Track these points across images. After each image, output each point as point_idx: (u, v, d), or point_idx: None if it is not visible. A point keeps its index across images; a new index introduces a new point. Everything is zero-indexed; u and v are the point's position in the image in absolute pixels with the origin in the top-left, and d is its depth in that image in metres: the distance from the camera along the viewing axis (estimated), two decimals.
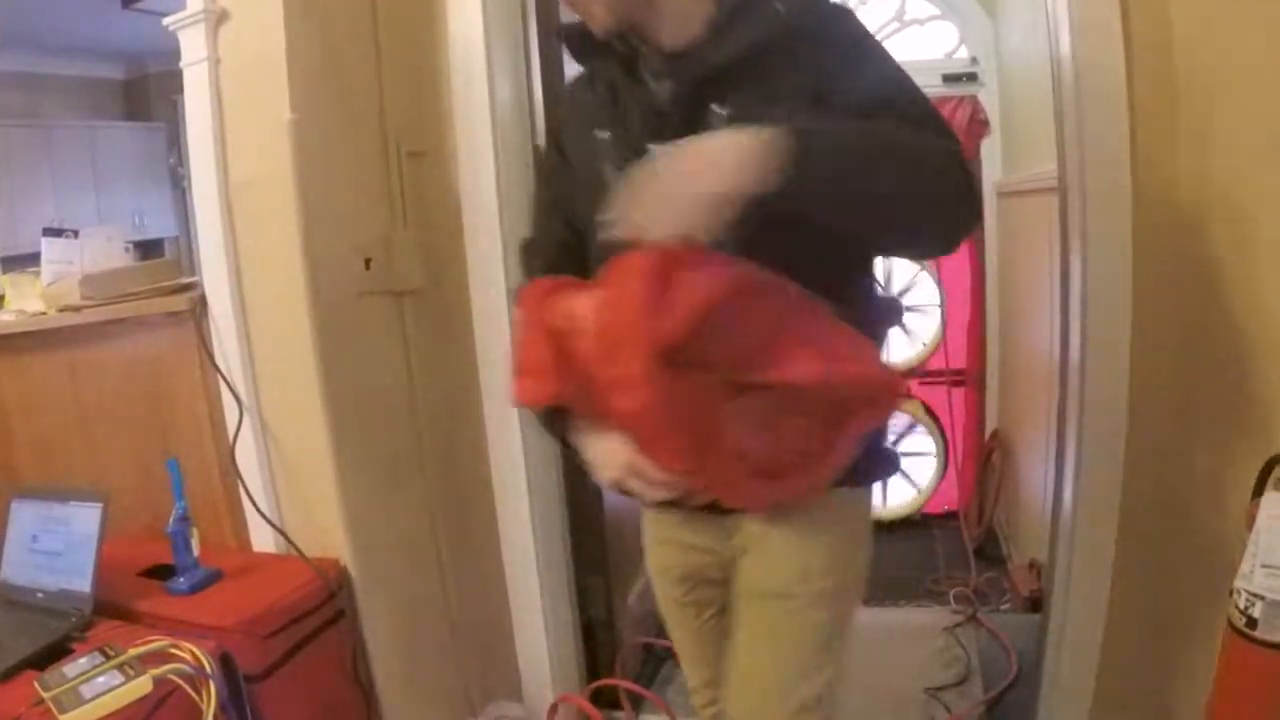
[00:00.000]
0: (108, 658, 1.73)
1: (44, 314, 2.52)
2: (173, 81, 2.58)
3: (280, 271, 2.13)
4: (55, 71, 6.66)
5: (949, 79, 4.28)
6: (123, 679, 1.67)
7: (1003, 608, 3.43)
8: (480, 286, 2.39)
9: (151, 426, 2.45)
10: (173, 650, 1.78)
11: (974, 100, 4.20)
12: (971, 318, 4.41)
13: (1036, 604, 3.11)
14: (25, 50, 6.10)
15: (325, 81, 2.17)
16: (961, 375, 4.46)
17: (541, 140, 2.53)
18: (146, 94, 7.19)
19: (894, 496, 4.60)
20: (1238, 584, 1.45)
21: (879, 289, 2.20)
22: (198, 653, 1.78)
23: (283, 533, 2.26)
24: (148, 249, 6.57)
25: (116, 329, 2.41)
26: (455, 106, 2.36)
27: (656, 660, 3.04)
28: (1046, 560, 2.40)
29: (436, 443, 2.45)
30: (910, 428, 4.54)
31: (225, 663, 1.84)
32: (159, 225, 7.11)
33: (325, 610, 2.16)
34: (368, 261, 2.27)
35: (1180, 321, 1.99)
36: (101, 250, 2.69)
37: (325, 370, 2.15)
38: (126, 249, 2.86)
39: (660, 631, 3.12)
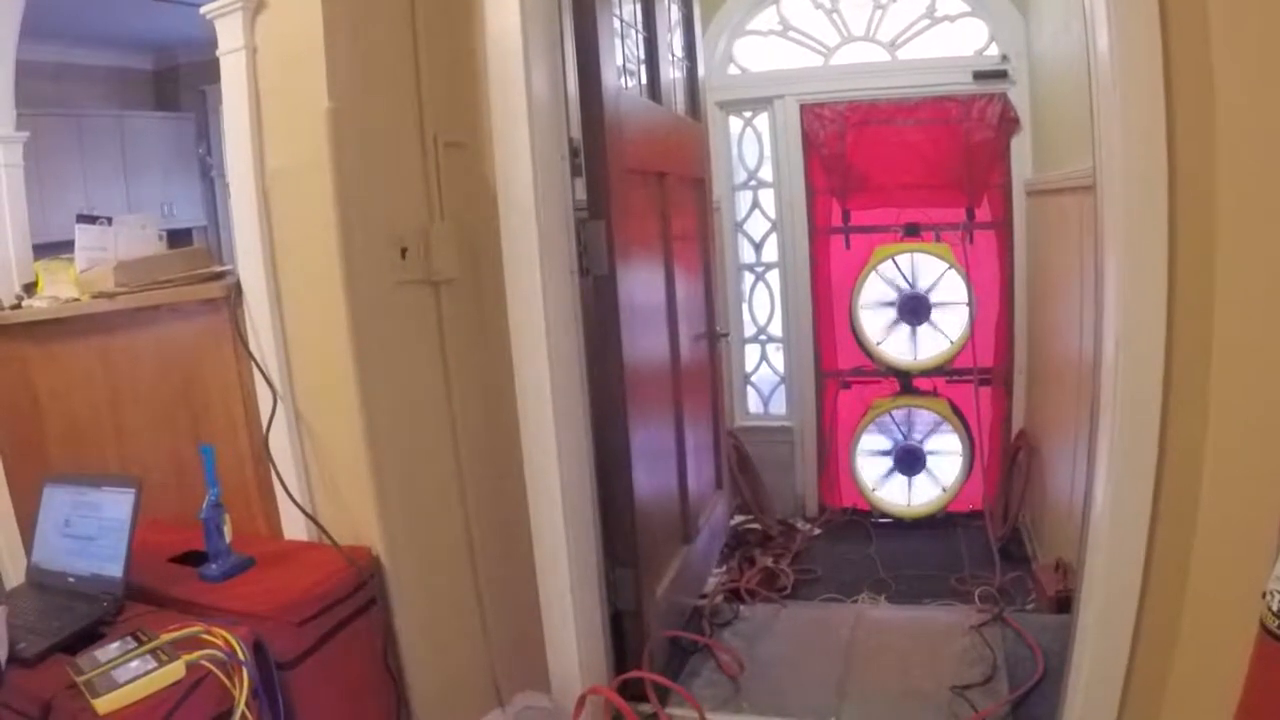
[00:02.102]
0: (140, 643, 1.73)
1: (77, 300, 2.53)
2: (202, 72, 2.60)
3: (316, 260, 2.14)
4: (85, 61, 6.67)
5: (979, 76, 4.23)
6: (156, 664, 1.68)
7: (1028, 607, 3.41)
8: (515, 277, 2.40)
9: (184, 413, 2.46)
10: (205, 636, 1.78)
11: (1004, 98, 4.21)
12: (999, 316, 4.40)
13: (1062, 604, 3.09)
14: (56, 40, 6.12)
15: (363, 71, 2.17)
16: (989, 374, 4.45)
17: (577, 133, 2.54)
18: (176, 84, 7.20)
19: (919, 495, 4.58)
20: (1270, 586, 1.44)
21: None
22: (231, 639, 1.78)
23: (315, 520, 2.27)
24: (175, 238, 6.58)
25: (150, 316, 2.43)
26: (492, 98, 2.36)
27: (684, 653, 3.05)
28: (1076, 561, 2.38)
29: (470, 433, 2.45)
30: (936, 426, 4.51)
31: (258, 649, 1.84)
32: (187, 215, 7.12)
33: (357, 598, 2.16)
34: (404, 251, 2.27)
35: (1213, 320, 1.97)
36: (135, 237, 2.71)
37: (360, 359, 2.15)
38: (160, 236, 2.87)
39: (687, 626, 3.16)
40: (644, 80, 3.11)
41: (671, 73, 3.35)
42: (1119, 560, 2.16)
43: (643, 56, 3.10)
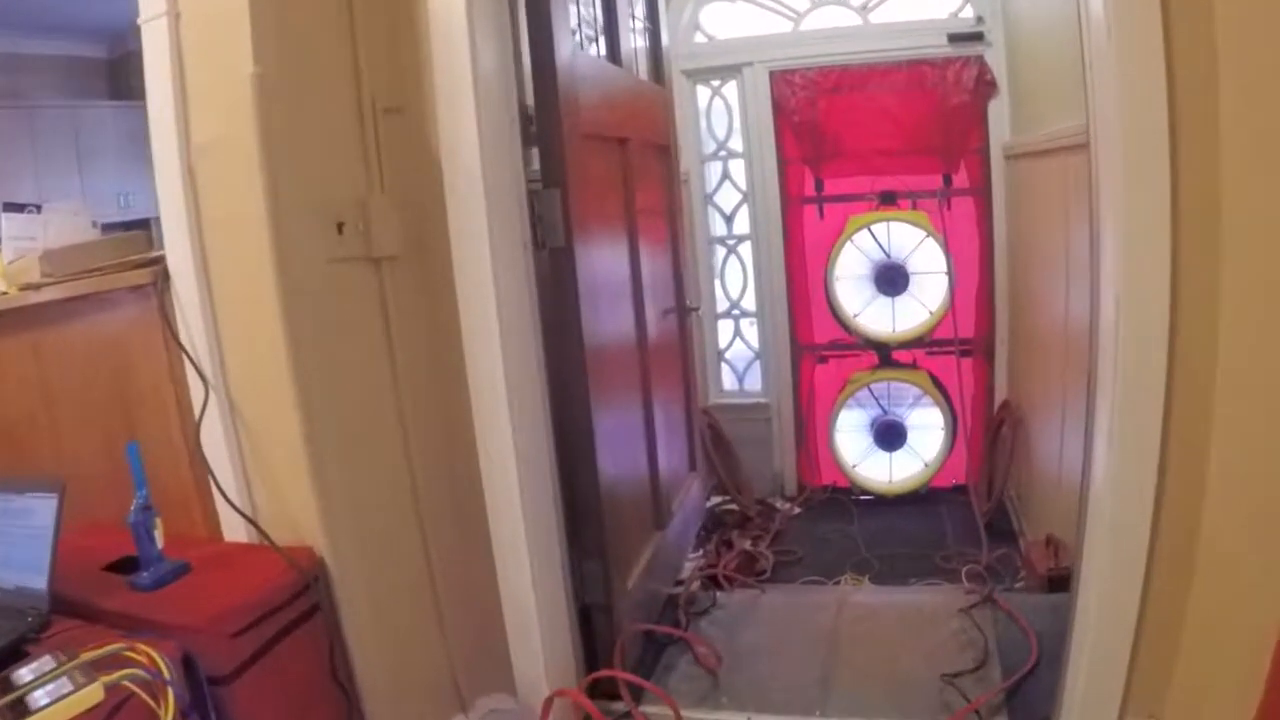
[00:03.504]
0: (60, 663, 1.55)
1: (4, 293, 2.34)
2: None
3: (245, 239, 1.96)
4: (37, 51, 6.44)
5: (954, 39, 4.06)
6: (72, 687, 1.50)
7: (1017, 586, 3.25)
8: (462, 252, 2.21)
9: (119, 408, 2.29)
10: (129, 653, 1.60)
11: (980, 60, 4.05)
12: (980, 285, 4.26)
13: (1055, 582, 2.94)
14: (6, 30, 5.89)
15: (292, 33, 1.98)
16: (969, 344, 4.31)
17: (530, 96, 2.35)
18: (130, 73, 6.96)
19: (900, 471, 4.44)
20: None
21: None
22: (155, 656, 1.60)
23: (251, 520, 2.09)
24: (135, 230, 6.36)
25: (81, 306, 2.24)
26: (435, 58, 2.17)
27: (658, 647, 2.87)
28: (1071, 537, 2.22)
29: (420, 420, 2.27)
30: (917, 399, 4.36)
31: (187, 665, 1.68)
32: (145, 205, 6.88)
33: (299, 603, 1.98)
34: (340, 226, 2.08)
35: (1220, 280, 1.80)
36: (67, 226, 2.52)
37: (294, 344, 1.97)
38: (94, 224, 2.69)
39: (662, 617, 2.98)
40: (603, 46, 2.91)
41: (634, 39, 3.15)
42: (1122, 537, 2.02)
43: (602, 21, 2.90)
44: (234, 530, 2.13)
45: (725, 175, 4.51)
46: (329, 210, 2.06)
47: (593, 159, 2.54)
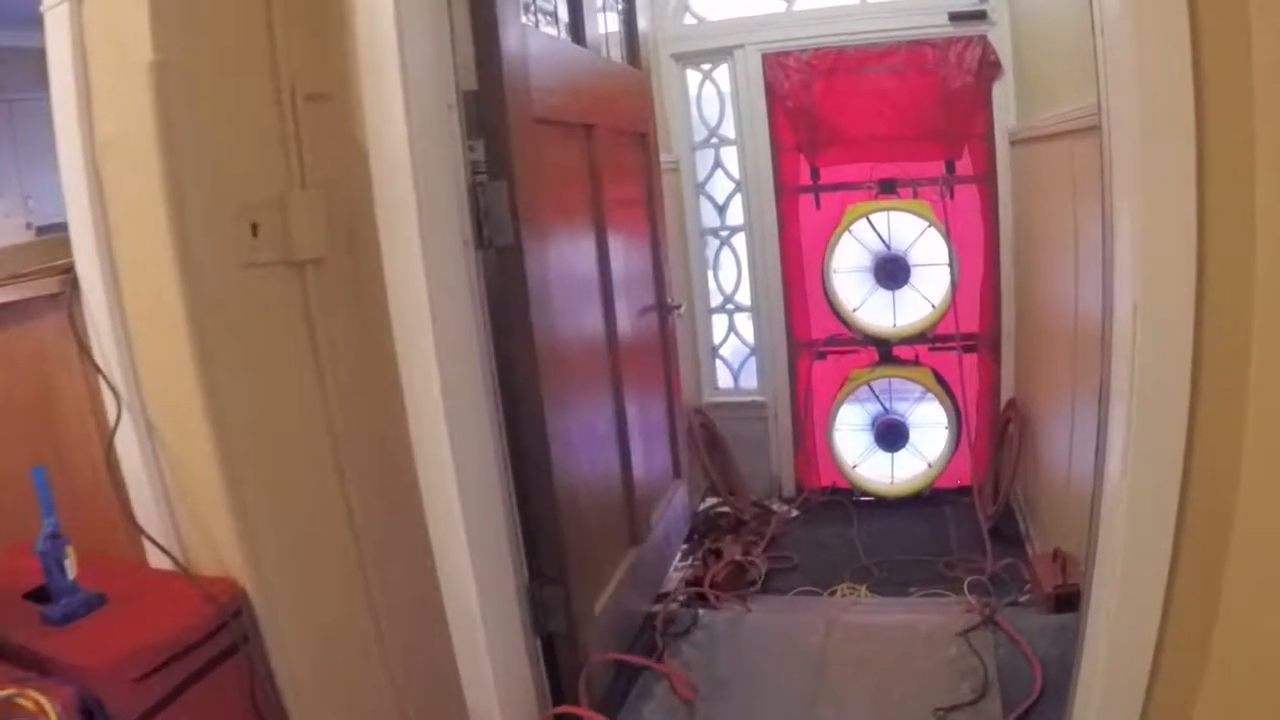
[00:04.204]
0: None
1: None
2: None
3: (149, 244, 1.71)
4: None
5: (956, 18, 3.82)
6: None
7: (1022, 599, 2.99)
8: (393, 252, 1.94)
9: (43, 426, 2.05)
10: (20, 700, 1.39)
11: (984, 40, 3.80)
12: (984, 277, 4.02)
13: (1062, 601, 2.69)
14: None
15: (199, 15, 1.72)
16: (974, 340, 4.08)
17: (474, 79, 2.09)
18: None
19: (902, 471, 4.20)
20: None
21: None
22: (46, 705, 1.38)
23: (162, 548, 1.84)
24: None
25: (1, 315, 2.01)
26: (358, 36, 1.91)
27: (629, 675, 2.61)
28: (1081, 553, 1.96)
29: (353, 438, 2.01)
30: (920, 397, 4.12)
31: (89, 714, 1.46)
32: None
33: (219, 640, 1.74)
34: (255, 226, 1.83)
35: (1257, 287, 1.52)
36: None
37: (203, 358, 1.72)
38: (29, 225, 2.46)
39: (632, 648, 2.74)
40: (566, 25, 2.64)
41: (605, 20, 2.89)
42: (1137, 563, 1.74)
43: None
44: (159, 557, 1.89)
45: (717, 163, 4.29)
46: (241, 210, 1.81)
47: (549, 147, 2.28)
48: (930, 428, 4.13)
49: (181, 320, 1.71)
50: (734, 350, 4.49)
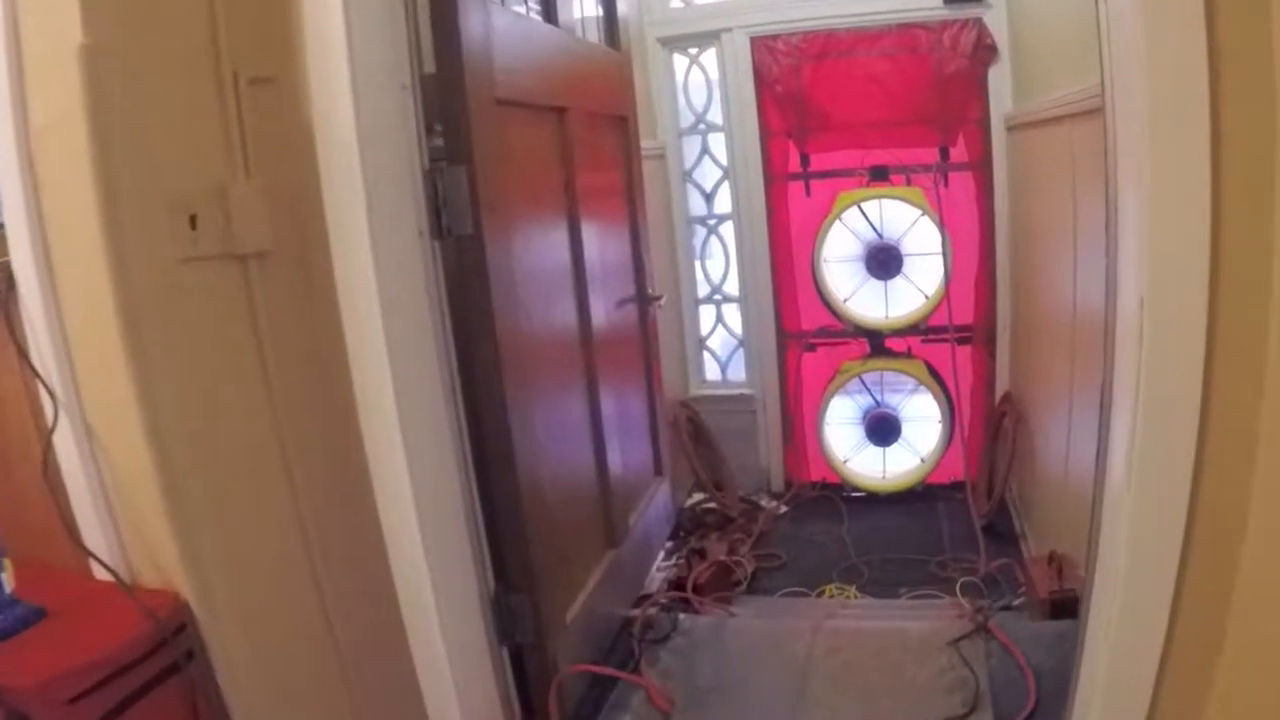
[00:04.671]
0: None
1: None
2: None
3: (82, 238, 1.57)
4: None
5: (950, 0, 3.67)
6: None
7: (1016, 603, 2.85)
8: (341, 244, 1.79)
9: None
10: None
11: (979, 23, 3.66)
12: (979, 267, 3.88)
13: (1058, 607, 2.54)
14: None
15: None
16: (968, 331, 3.94)
17: (431, 61, 1.94)
18: None
19: (894, 466, 4.07)
20: None
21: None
22: None
23: (97, 558, 1.70)
24: None
25: None
26: (304, 14, 1.76)
27: (604, 685, 2.46)
28: (1081, 559, 1.81)
29: (303, 439, 1.87)
30: (912, 390, 3.99)
31: None
32: None
33: (160, 657, 1.60)
34: (194, 219, 1.68)
35: (1275, 280, 1.37)
36: None
37: (138, 358, 1.58)
38: None
39: (609, 654, 2.60)
40: (537, 5, 2.49)
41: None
42: (1143, 566, 1.60)
43: None
44: (103, 569, 1.76)
45: (704, 150, 4.13)
46: (178, 201, 1.66)
47: (515, 131, 2.12)
48: (923, 422, 4.01)
49: (113, 318, 1.57)
50: (721, 342, 4.35)
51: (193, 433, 1.68)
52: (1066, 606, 2.51)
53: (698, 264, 4.25)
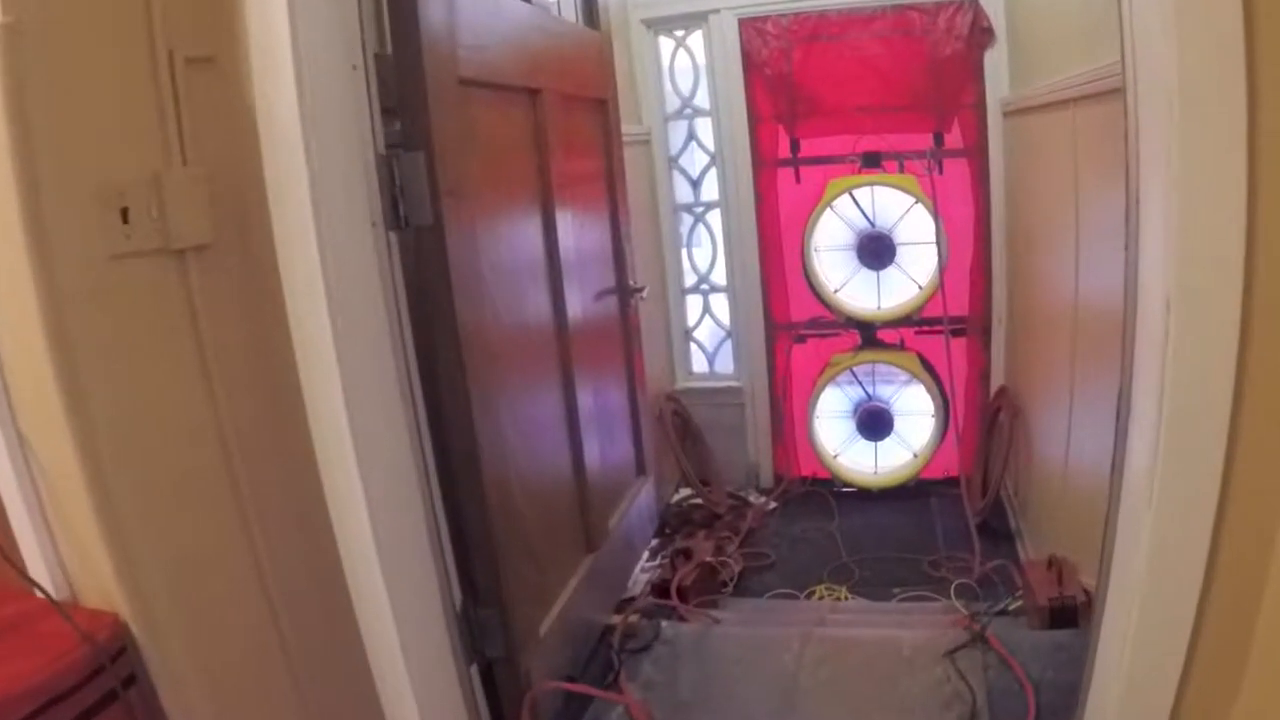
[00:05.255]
0: None
1: None
2: None
3: (4, 230, 1.42)
4: None
5: None
6: None
7: (1012, 607, 2.70)
8: (286, 236, 1.62)
9: None
10: None
11: (975, 5, 3.53)
12: (974, 256, 3.76)
13: (1058, 615, 2.40)
14: None
15: None
16: (963, 323, 3.82)
17: (389, 40, 1.78)
18: None
19: (886, 461, 3.94)
20: None
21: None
22: None
23: (29, 578, 1.54)
24: None
25: None
26: None
27: (581, 701, 2.31)
28: (1098, 577, 1.66)
29: (250, 448, 1.71)
30: (905, 383, 3.87)
31: None
32: None
33: (98, 684, 1.46)
34: (125, 211, 1.51)
35: None
36: None
37: (63, 360, 1.42)
38: None
39: (588, 665, 2.45)
40: None
41: None
42: (1164, 583, 1.45)
43: None
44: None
45: (691, 136, 3.98)
46: (108, 192, 1.50)
47: (482, 113, 1.96)
48: (916, 416, 3.88)
49: (38, 320, 1.41)
50: (709, 333, 4.21)
51: (127, 441, 1.52)
52: (1066, 614, 2.39)
53: (684, 253, 4.10)
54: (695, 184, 4.01)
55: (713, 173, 3.95)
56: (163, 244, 1.56)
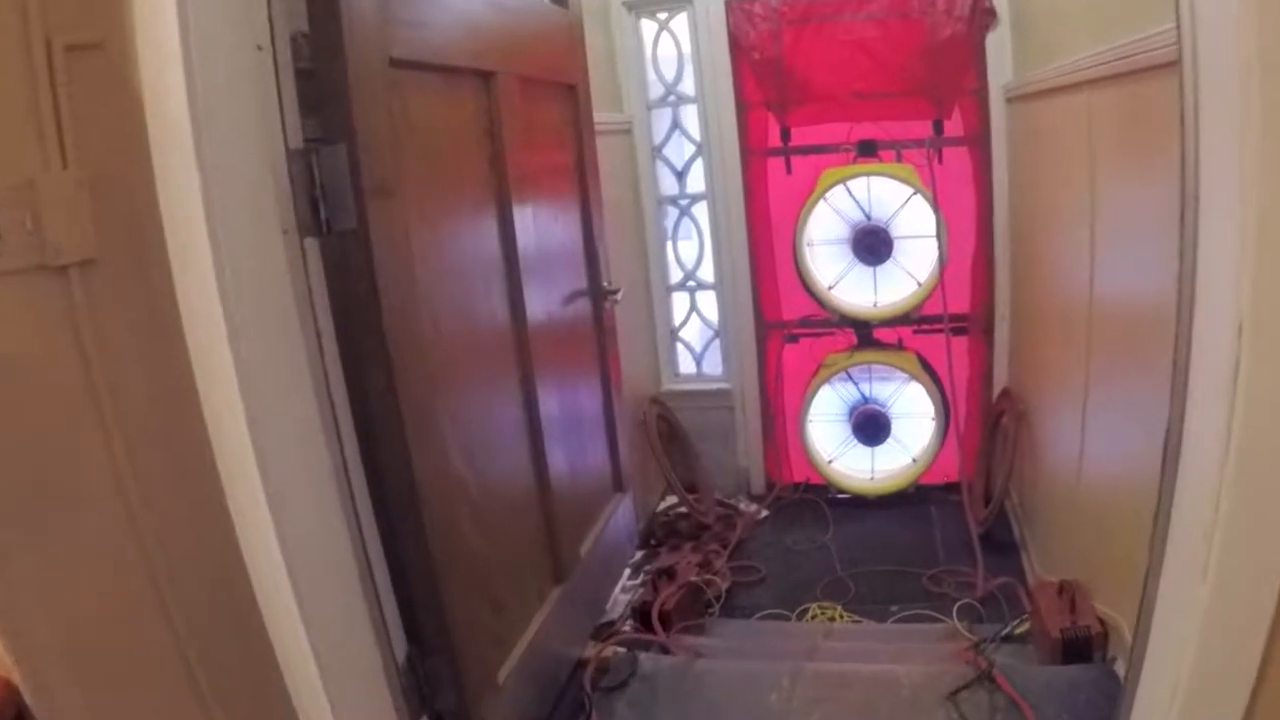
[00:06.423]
0: None
1: None
2: None
3: None
4: None
5: None
6: None
7: (1019, 631, 2.46)
8: (180, 247, 1.37)
9: None
10: None
11: None
12: (976, 251, 3.58)
13: (1071, 648, 2.17)
14: None
15: None
16: (964, 322, 3.63)
17: (305, 25, 1.51)
18: None
19: (884, 466, 3.75)
20: None
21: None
22: None
23: None
24: None
25: None
26: None
27: None
28: (1143, 598, 1.40)
29: (151, 489, 1.46)
30: (903, 385, 3.69)
31: None
32: None
33: None
34: None
35: None
36: None
37: None
38: None
39: (557, 706, 2.20)
40: None
41: None
42: (1212, 674, 1.20)
43: None
44: None
45: (675, 124, 3.78)
46: None
47: (420, 98, 1.69)
48: (914, 419, 3.72)
49: None
50: (696, 332, 4.03)
51: (7, 496, 1.28)
52: (1080, 646, 2.16)
53: (669, 247, 3.90)
54: (680, 175, 3.81)
55: (699, 163, 3.76)
56: (39, 260, 1.31)
